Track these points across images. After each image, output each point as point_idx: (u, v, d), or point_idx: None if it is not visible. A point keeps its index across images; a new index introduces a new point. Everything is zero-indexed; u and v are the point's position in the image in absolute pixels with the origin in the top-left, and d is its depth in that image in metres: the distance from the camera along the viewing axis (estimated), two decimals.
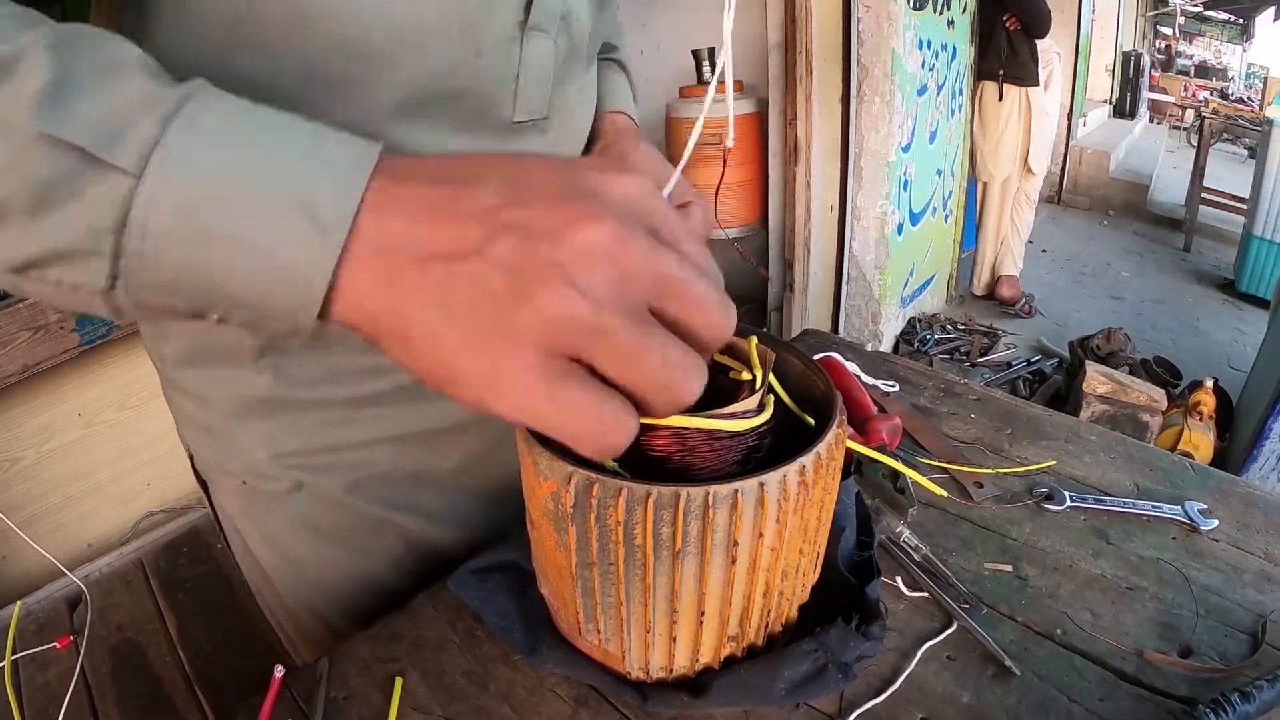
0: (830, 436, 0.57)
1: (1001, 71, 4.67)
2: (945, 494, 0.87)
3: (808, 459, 0.55)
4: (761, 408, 0.59)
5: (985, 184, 5.05)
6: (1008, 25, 4.59)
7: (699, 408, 0.57)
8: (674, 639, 0.60)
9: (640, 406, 0.43)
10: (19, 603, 2.02)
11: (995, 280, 5.18)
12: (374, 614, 0.78)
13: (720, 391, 0.62)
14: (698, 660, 0.63)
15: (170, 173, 0.39)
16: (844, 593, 0.71)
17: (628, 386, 0.41)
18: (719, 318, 0.43)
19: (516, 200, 0.40)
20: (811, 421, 0.65)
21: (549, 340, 0.39)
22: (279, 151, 0.41)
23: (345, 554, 0.88)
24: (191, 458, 0.88)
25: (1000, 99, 4.69)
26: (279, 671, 0.68)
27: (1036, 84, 4.74)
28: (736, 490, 0.53)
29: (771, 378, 0.66)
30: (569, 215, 0.39)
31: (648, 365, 0.40)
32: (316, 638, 0.91)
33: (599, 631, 0.62)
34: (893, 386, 1.16)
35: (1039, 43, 4.69)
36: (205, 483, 0.89)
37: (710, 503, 0.52)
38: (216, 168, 0.40)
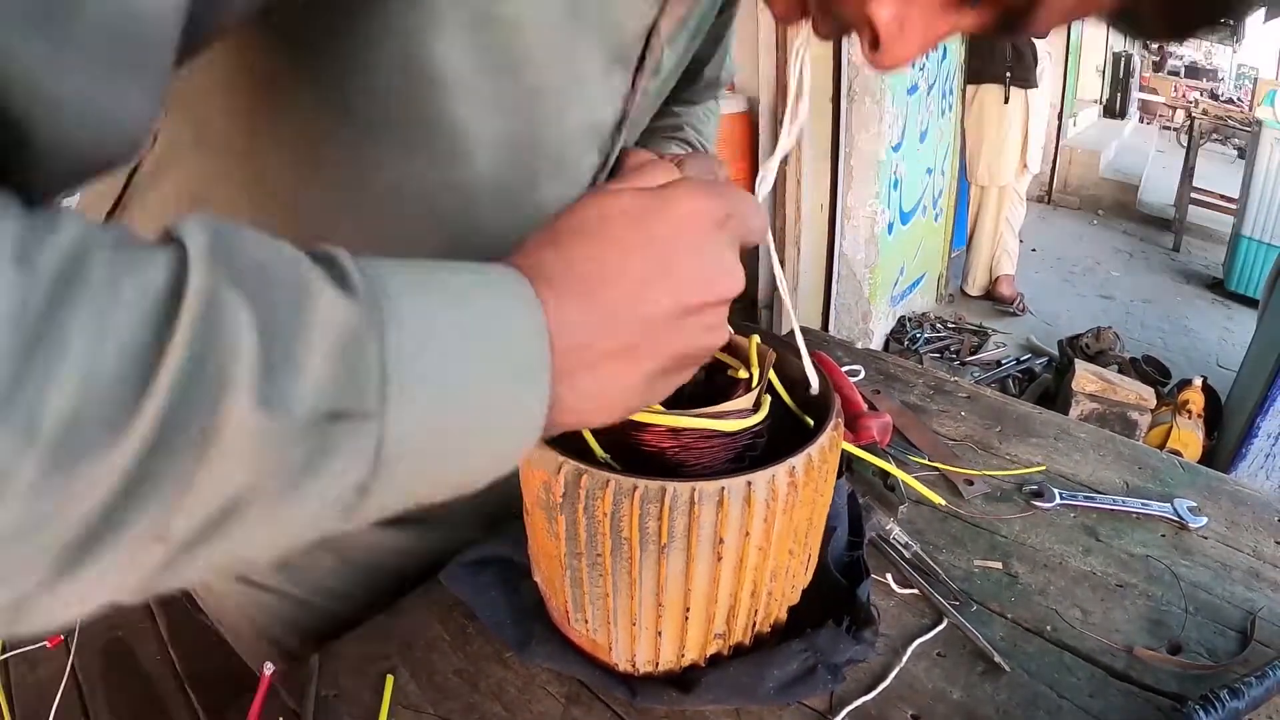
0: (824, 439, 0.57)
1: (1009, 74, 4.67)
2: (937, 498, 0.87)
3: (798, 460, 0.55)
4: (757, 407, 0.59)
5: (983, 187, 5.04)
6: None
7: (695, 404, 0.58)
8: (659, 633, 0.60)
9: None
10: None
11: (994, 280, 5.19)
12: (333, 633, 0.77)
13: (718, 389, 0.62)
14: (684, 656, 0.63)
15: (408, 396, 0.35)
16: (835, 595, 0.71)
17: None
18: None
19: (689, 298, 0.46)
20: (811, 422, 0.65)
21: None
22: (477, 325, 0.39)
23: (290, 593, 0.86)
24: None
25: (1006, 101, 4.68)
26: (269, 670, 0.67)
27: (1036, 86, 4.76)
28: (723, 488, 0.53)
29: (773, 376, 0.66)
30: (721, 287, 0.47)
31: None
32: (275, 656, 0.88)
33: (586, 621, 0.62)
34: (857, 372, 1.17)
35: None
36: None
37: (696, 499, 0.52)
38: (442, 369, 0.37)
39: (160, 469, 0.28)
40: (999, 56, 4.67)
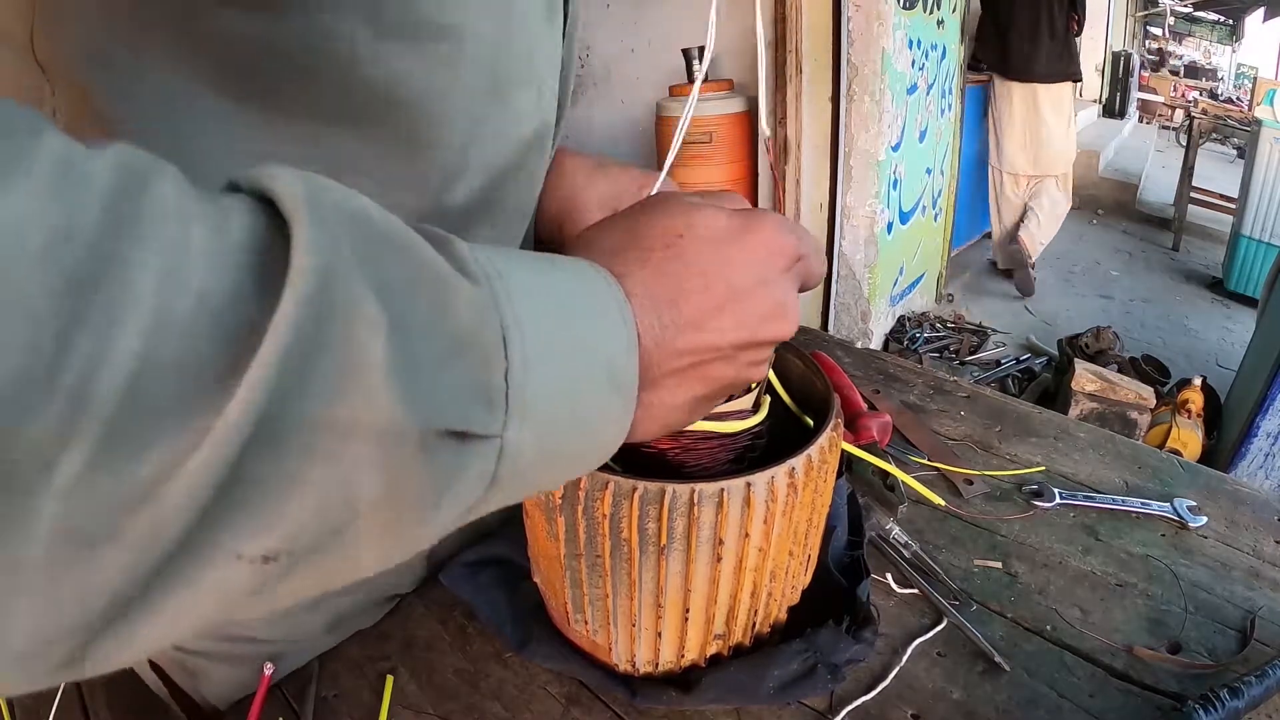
0: (823, 440, 0.57)
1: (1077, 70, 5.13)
2: (936, 497, 0.87)
3: (798, 461, 0.55)
4: (756, 408, 0.59)
5: (1011, 174, 5.35)
6: (1072, 25, 4.96)
7: None
8: (659, 634, 0.60)
9: None
10: None
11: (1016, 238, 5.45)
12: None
13: None
14: (684, 656, 0.63)
15: (529, 412, 0.32)
16: (835, 595, 0.71)
17: None
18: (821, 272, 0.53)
19: (749, 333, 0.46)
20: (811, 423, 0.65)
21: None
22: (584, 332, 0.37)
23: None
24: None
25: (1080, 95, 5.05)
26: (269, 670, 0.67)
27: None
28: (723, 489, 0.53)
29: (773, 376, 0.66)
30: (775, 327, 0.47)
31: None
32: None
33: (586, 622, 0.62)
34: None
35: None
36: None
37: (696, 500, 0.52)
38: (554, 386, 0.34)
39: (259, 470, 0.23)
40: (1068, 53, 5.06)
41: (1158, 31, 18.61)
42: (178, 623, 0.24)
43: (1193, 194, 6.81)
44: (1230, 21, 19.36)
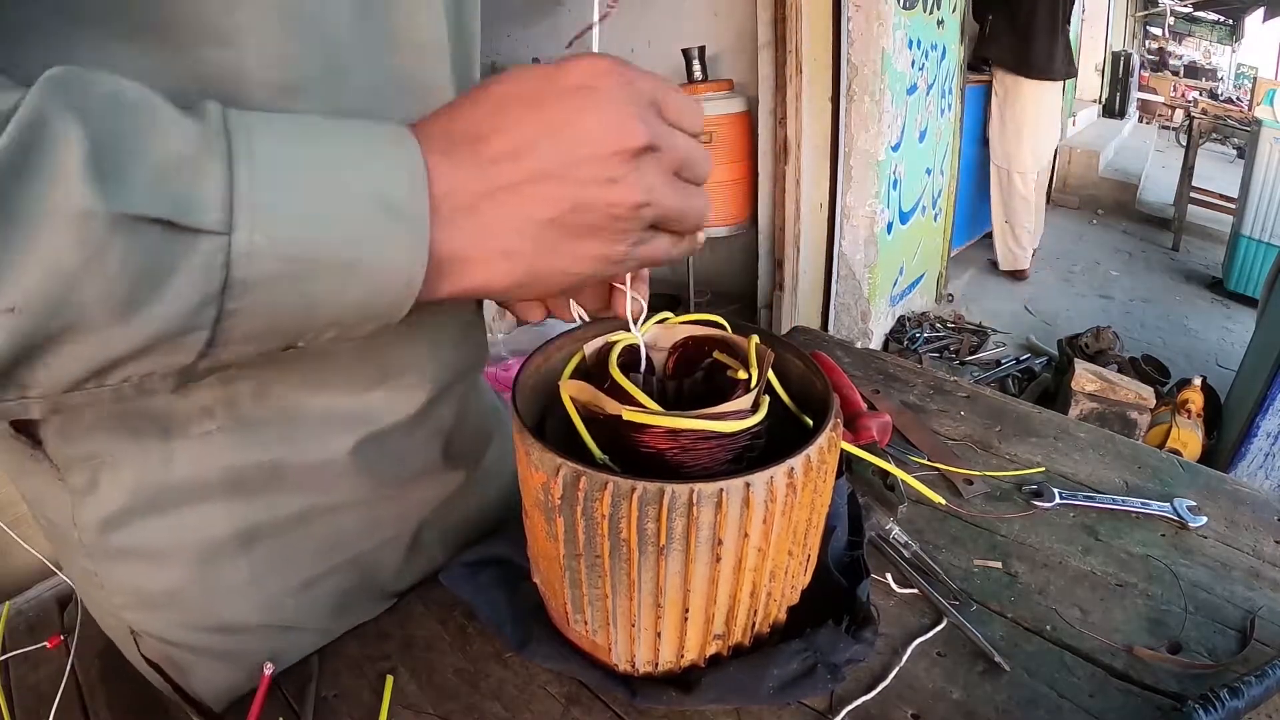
0: (822, 439, 0.57)
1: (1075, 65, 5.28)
2: (936, 497, 0.87)
3: (797, 461, 0.55)
4: (755, 408, 0.59)
5: (1021, 173, 5.36)
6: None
7: (695, 405, 0.58)
8: (659, 634, 0.60)
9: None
10: (7, 603, 2.01)
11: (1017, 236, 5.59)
12: None
13: (718, 390, 0.62)
14: (683, 657, 0.63)
15: (259, 217, 0.37)
16: (834, 595, 0.71)
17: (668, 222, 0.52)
18: (706, 168, 0.53)
19: (565, 154, 0.46)
20: (810, 422, 0.65)
21: (628, 224, 0.49)
22: (342, 161, 0.41)
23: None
24: (139, 646, 0.72)
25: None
26: (269, 669, 0.67)
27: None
28: (722, 489, 0.53)
29: (772, 376, 0.66)
30: (616, 137, 0.46)
31: (689, 216, 0.52)
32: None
33: (586, 622, 0.62)
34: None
35: None
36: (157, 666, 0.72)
37: (695, 500, 0.52)
38: (296, 199, 0.39)
39: None
40: (1066, 53, 5.12)
41: (1158, 31, 18.62)
42: None
43: (1193, 194, 6.81)
44: (1230, 21, 19.35)
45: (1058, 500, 0.89)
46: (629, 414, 0.56)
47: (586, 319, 0.64)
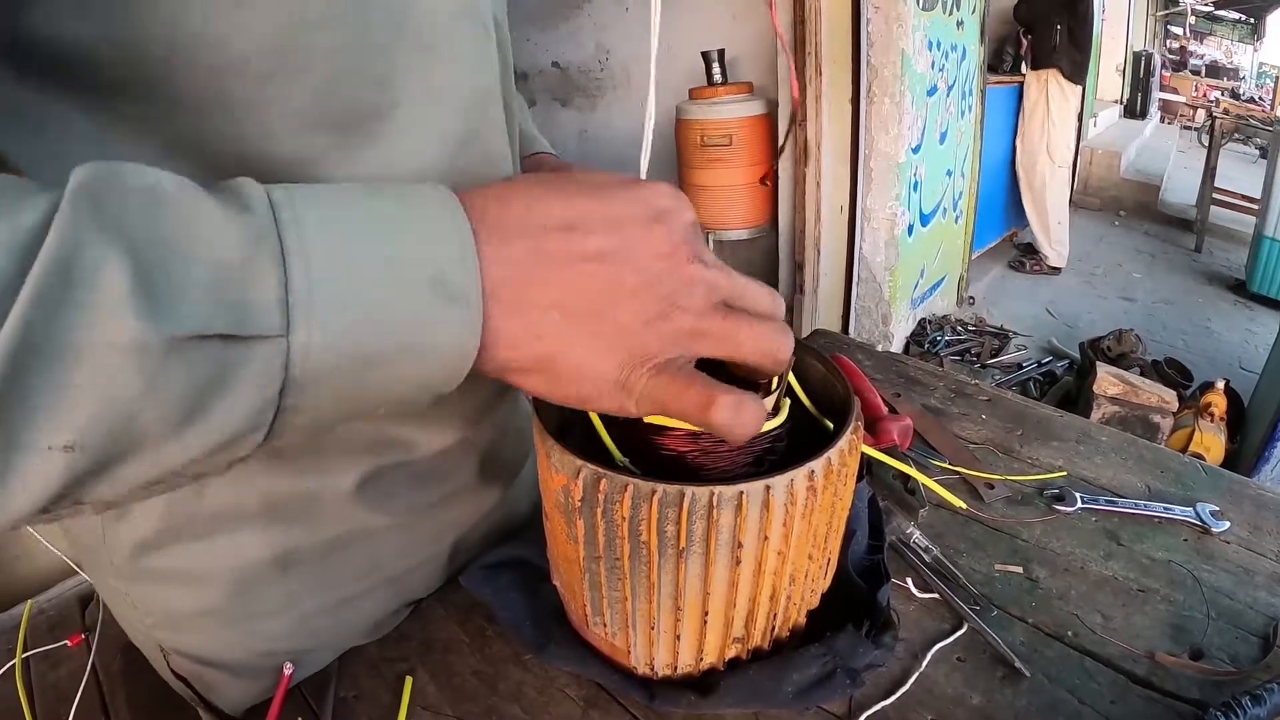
0: (843, 442, 0.57)
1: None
2: (957, 501, 0.87)
3: (817, 464, 0.55)
4: (776, 411, 0.59)
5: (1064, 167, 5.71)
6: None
7: None
8: (678, 637, 0.60)
9: (754, 373, 0.52)
10: (29, 602, 2.02)
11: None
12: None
13: None
14: (702, 660, 0.63)
15: (317, 316, 0.36)
16: (854, 599, 0.70)
17: (736, 361, 0.49)
18: (771, 303, 0.51)
19: (623, 245, 0.44)
20: (831, 426, 0.64)
21: (670, 349, 0.46)
22: (390, 242, 0.39)
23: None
24: (168, 661, 0.73)
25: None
26: (288, 670, 0.68)
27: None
28: (742, 492, 0.53)
29: (792, 379, 0.66)
30: (671, 255, 0.45)
31: (743, 341, 0.47)
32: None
33: (605, 625, 0.62)
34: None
35: None
36: (187, 681, 0.73)
37: (715, 503, 0.52)
38: (353, 292, 0.37)
39: (34, 379, 0.31)
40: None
41: (1179, 31, 18.49)
42: (31, 496, 0.33)
43: (1215, 195, 6.77)
44: (1252, 20, 19.20)
45: (1079, 504, 0.88)
46: (649, 416, 0.56)
47: None
